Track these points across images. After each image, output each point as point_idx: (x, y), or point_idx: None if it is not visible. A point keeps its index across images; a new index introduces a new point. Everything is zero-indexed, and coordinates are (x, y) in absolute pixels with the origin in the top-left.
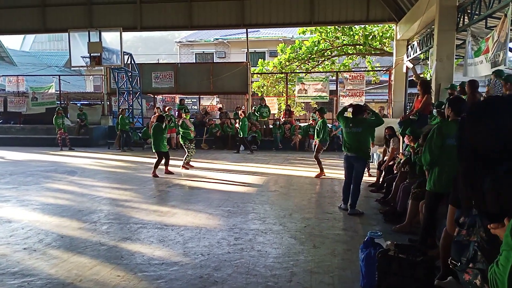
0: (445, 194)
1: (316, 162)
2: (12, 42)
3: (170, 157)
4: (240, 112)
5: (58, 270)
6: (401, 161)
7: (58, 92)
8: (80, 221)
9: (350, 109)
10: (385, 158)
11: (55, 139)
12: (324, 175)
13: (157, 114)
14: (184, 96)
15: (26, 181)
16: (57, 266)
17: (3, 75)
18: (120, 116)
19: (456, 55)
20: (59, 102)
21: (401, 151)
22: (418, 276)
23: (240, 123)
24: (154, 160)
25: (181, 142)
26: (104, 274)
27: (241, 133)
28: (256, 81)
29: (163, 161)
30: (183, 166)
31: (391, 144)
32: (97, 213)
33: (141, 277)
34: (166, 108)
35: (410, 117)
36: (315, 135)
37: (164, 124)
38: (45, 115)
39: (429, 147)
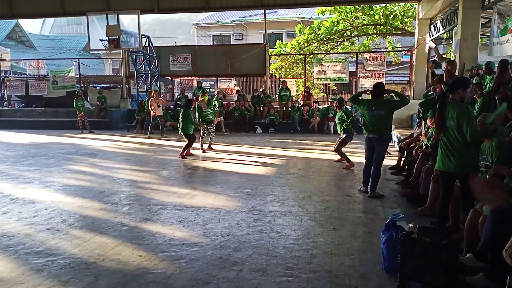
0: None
1: (339, 155)
2: (32, 26)
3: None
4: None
5: (81, 250)
6: (423, 144)
7: (78, 76)
8: (101, 202)
9: (368, 93)
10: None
11: (76, 122)
12: (353, 166)
13: (154, 97)
14: (201, 78)
15: (48, 163)
16: (80, 246)
17: (24, 59)
18: (146, 99)
19: (480, 34)
20: (79, 86)
21: (423, 133)
22: (442, 259)
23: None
24: (173, 143)
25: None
26: (126, 254)
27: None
28: (274, 63)
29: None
30: (203, 149)
31: (421, 125)
32: (118, 195)
33: (162, 257)
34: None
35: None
36: (338, 128)
37: (192, 108)
38: (66, 98)
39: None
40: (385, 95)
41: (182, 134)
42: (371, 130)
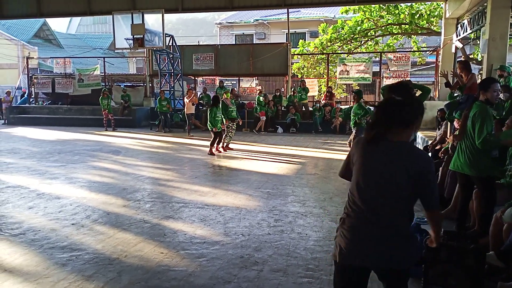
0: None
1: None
2: (59, 25)
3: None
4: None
5: (104, 246)
6: (450, 146)
7: (103, 74)
8: (124, 199)
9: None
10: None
11: (101, 119)
12: None
13: (189, 95)
14: (223, 78)
15: (73, 159)
16: (103, 242)
17: (51, 57)
18: (158, 98)
19: (510, 35)
20: (103, 84)
21: (448, 135)
22: (468, 265)
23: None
24: (194, 141)
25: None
26: (148, 251)
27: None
28: (296, 63)
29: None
30: (222, 148)
31: (442, 127)
32: (141, 192)
33: (184, 255)
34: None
35: (456, 99)
36: (351, 122)
37: (219, 105)
38: (91, 96)
39: None
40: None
41: (210, 129)
42: None
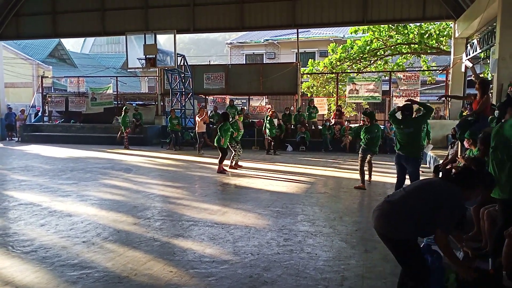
0: None
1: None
2: (74, 45)
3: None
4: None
5: (114, 264)
6: (461, 165)
7: (115, 93)
8: (135, 217)
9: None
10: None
11: (113, 137)
12: (364, 189)
13: (200, 114)
14: (234, 97)
15: (85, 177)
16: (113, 260)
17: (65, 76)
18: (169, 117)
19: None
20: (116, 103)
21: (459, 155)
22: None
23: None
24: (205, 160)
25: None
26: (157, 270)
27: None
28: (305, 82)
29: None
30: (231, 167)
31: (455, 146)
32: (151, 210)
33: (193, 273)
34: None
35: (468, 118)
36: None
37: (230, 121)
38: (103, 114)
39: None
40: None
41: (216, 145)
42: (401, 147)
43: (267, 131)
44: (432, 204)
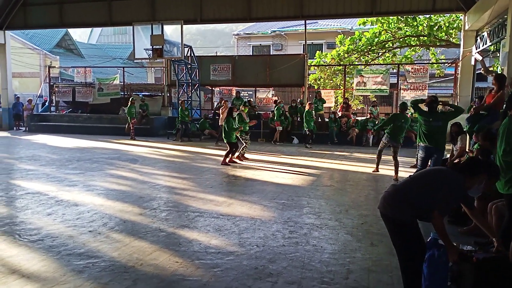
0: None
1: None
2: (81, 35)
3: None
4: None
5: (120, 254)
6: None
7: (122, 83)
8: (141, 207)
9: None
10: (449, 156)
11: (120, 128)
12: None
13: (224, 107)
14: (240, 88)
15: (91, 167)
16: (119, 250)
17: (72, 67)
18: (180, 108)
19: None
20: (122, 93)
21: (467, 149)
22: None
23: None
24: (210, 151)
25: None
26: (163, 260)
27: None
28: (312, 74)
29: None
30: (237, 158)
31: (458, 142)
32: (157, 200)
33: (198, 264)
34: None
35: (480, 112)
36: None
37: (234, 116)
38: (110, 105)
39: None
40: (439, 107)
41: (225, 141)
42: (430, 140)
43: (305, 123)
44: (435, 186)
